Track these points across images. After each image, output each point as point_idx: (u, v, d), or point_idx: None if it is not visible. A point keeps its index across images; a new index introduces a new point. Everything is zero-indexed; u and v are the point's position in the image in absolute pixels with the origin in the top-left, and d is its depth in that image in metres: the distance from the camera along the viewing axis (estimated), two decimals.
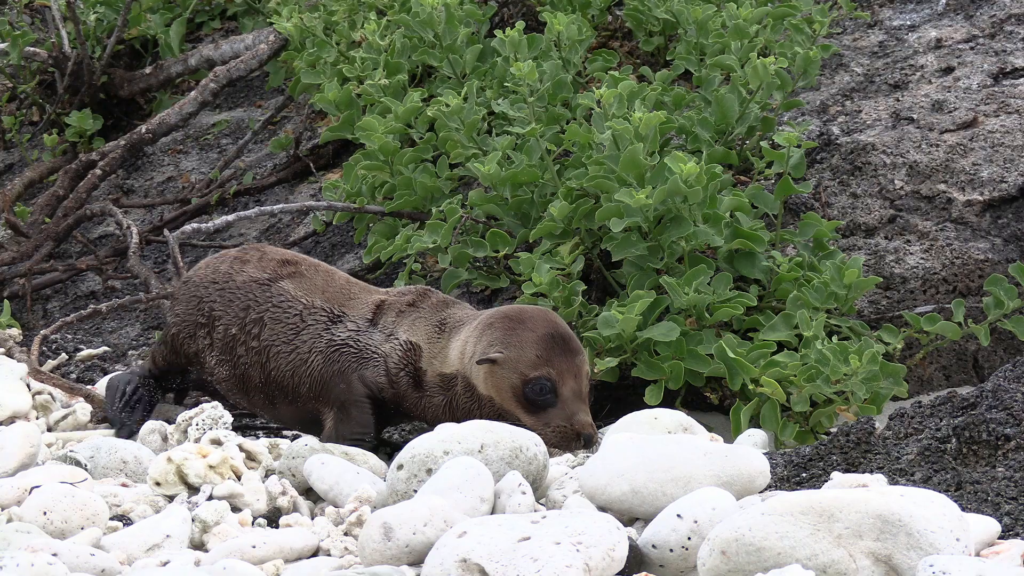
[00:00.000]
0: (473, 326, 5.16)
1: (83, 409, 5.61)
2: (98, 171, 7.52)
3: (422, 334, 5.24)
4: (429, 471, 4.27)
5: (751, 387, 5.27)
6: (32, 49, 8.37)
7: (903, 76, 6.49)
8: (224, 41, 8.35)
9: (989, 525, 3.82)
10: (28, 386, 5.61)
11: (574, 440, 4.96)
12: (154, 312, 7.07)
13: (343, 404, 5.23)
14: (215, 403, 5.12)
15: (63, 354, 6.60)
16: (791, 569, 3.39)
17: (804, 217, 5.81)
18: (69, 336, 6.93)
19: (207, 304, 5.50)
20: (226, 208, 7.57)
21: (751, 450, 4.25)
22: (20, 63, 8.36)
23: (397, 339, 5.24)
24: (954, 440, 4.31)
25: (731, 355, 5.28)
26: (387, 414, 5.31)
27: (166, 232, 6.65)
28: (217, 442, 4.69)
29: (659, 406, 5.09)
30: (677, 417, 4.84)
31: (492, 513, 4.12)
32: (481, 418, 4.91)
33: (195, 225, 6.57)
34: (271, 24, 7.81)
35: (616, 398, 5.77)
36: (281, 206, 6.67)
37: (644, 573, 3.72)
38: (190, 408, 5.11)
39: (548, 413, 4.98)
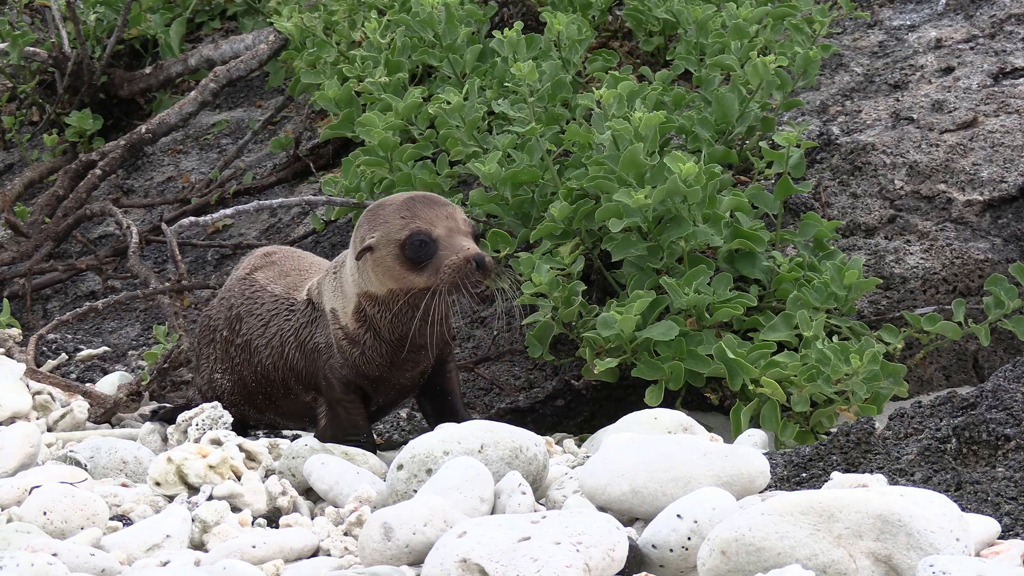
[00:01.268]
0: (349, 250, 5.03)
1: (81, 408, 5.60)
2: (98, 171, 7.52)
3: (328, 295, 5.11)
4: (429, 471, 4.27)
5: (751, 387, 5.27)
6: (32, 49, 8.37)
7: (903, 76, 6.49)
8: (224, 41, 8.35)
9: (989, 525, 3.82)
10: (28, 386, 5.61)
11: (468, 269, 4.80)
12: (153, 311, 7.07)
13: (330, 404, 5.14)
14: (215, 403, 5.12)
15: (63, 354, 6.60)
16: (791, 569, 3.39)
17: (804, 217, 5.81)
18: (69, 336, 6.93)
19: (211, 317, 5.46)
20: (226, 208, 7.57)
21: (751, 450, 4.25)
22: (20, 63, 8.36)
23: (324, 311, 5.11)
24: (954, 440, 4.31)
25: (731, 355, 5.28)
26: (373, 389, 5.14)
27: (164, 226, 6.63)
28: (217, 442, 4.69)
29: (659, 406, 5.10)
30: (677, 417, 4.84)
31: (492, 513, 4.12)
32: (400, 323, 4.85)
33: (193, 219, 6.55)
34: (271, 24, 7.82)
35: (616, 398, 5.77)
36: (280, 200, 6.67)
37: (644, 573, 3.72)
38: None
39: (434, 261, 4.83)
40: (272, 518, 4.44)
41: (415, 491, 4.23)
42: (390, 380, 5.11)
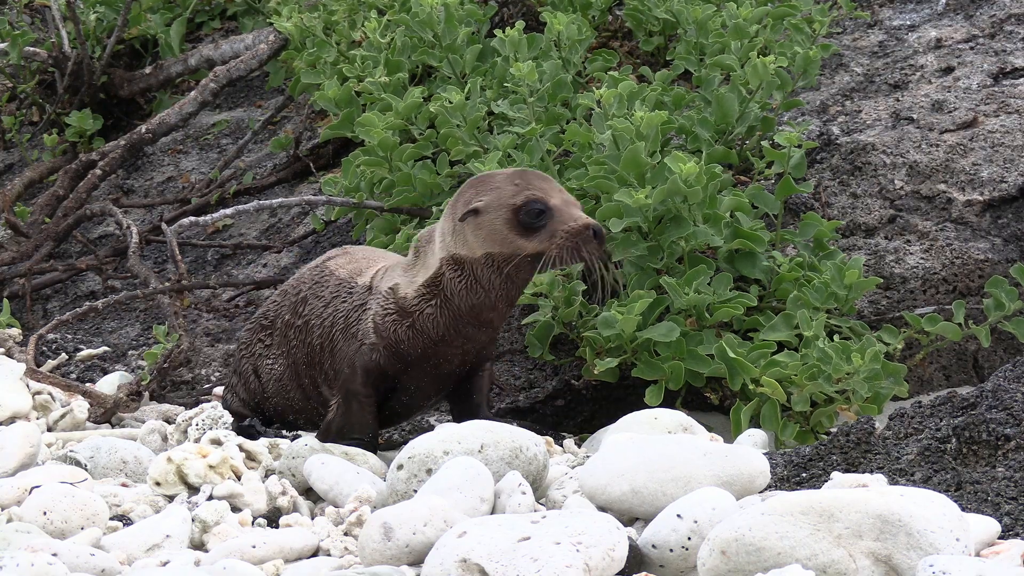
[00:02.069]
0: (443, 216, 5.04)
1: (81, 407, 5.60)
2: (98, 171, 7.52)
3: (398, 273, 5.11)
4: (429, 471, 4.27)
5: (751, 387, 5.27)
6: (32, 49, 8.37)
7: (903, 76, 6.49)
8: (224, 41, 8.35)
9: (989, 525, 3.82)
10: (28, 386, 5.61)
11: (586, 235, 4.82)
12: (153, 311, 7.07)
13: (345, 396, 5.09)
14: (215, 403, 5.11)
15: (63, 354, 6.60)
16: (791, 569, 3.39)
17: (804, 217, 5.81)
18: (69, 336, 6.93)
19: (271, 310, 5.46)
20: (226, 208, 7.57)
21: (751, 450, 4.25)
22: (20, 63, 8.36)
23: (380, 292, 5.10)
24: (954, 440, 4.31)
25: (731, 355, 5.28)
26: (403, 384, 5.10)
27: (164, 226, 6.63)
28: (217, 442, 4.69)
29: (659, 406, 5.10)
30: (677, 417, 4.84)
31: (492, 513, 4.12)
32: (482, 289, 4.86)
33: (193, 219, 6.55)
34: (271, 24, 7.82)
35: (616, 398, 5.77)
36: (280, 200, 6.67)
37: (644, 573, 3.72)
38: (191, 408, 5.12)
39: (549, 227, 4.84)
40: (272, 518, 4.44)
41: (415, 491, 4.23)
42: (427, 365, 5.07)
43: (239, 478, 4.54)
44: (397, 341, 5.04)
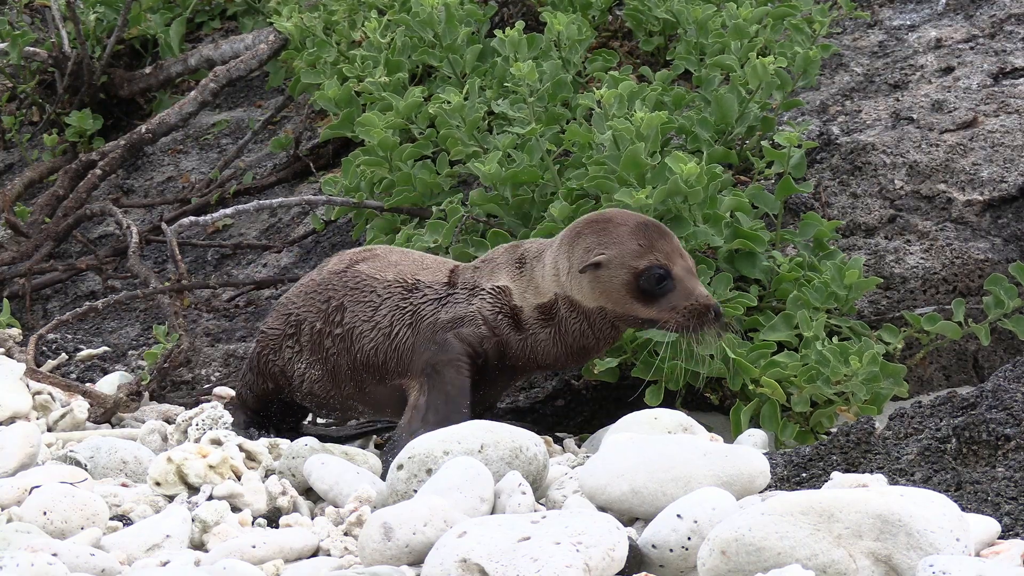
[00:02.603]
0: (557, 245, 4.99)
1: (80, 407, 5.60)
2: (98, 171, 7.52)
3: (504, 276, 5.08)
4: (429, 471, 4.27)
5: (751, 387, 5.27)
6: (32, 49, 8.37)
7: (903, 76, 6.49)
8: (224, 41, 8.35)
9: (989, 525, 3.82)
10: (28, 386, 5.61)
11: (706, 316, 4.82)
12: (153, 311, 7.07)
13: (435, 368, 5.01)
14: (215, 403, 5.11)
15: (63, 354, 6.60)
16: (791, 569, 3.39)
17: (804, 217, 5.81)
18: (69, 336, 6.93)
19: (294, 313, 5.37)
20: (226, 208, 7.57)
21: (751, 450, 4.25)
22: (20, 63, 8.36)
23: (483, 288, 5.06)
24: (954, 440, 4.31)
25: (731, 355, 5.28)
26: (487, 377, 5.08)
27: (164, 226, 6.63)
28: (217, 442, 4.69)
29: (659, 406, 5.10)
30: (677, 417, 4.84)
31: (492, 513, 4.12)
32: (593, 336, 4.85)
33: (193, 219, 6.54)
34: (271, 24, 7.82)
35: (616, 398, 5.77)
36: (280, 200, 6.66)
37: (644, 573, 3.72)
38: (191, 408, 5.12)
39: (668, 298, 4.84)
40: (272, 518, 4.44)
41: (415, 491, 4.23)
42: (516, 374, 5.11)
43: (239, 478, 4.54)
44: (507, 343, 5.04)
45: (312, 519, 4.41)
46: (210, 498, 4.42)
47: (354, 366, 5.21)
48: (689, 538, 3.75)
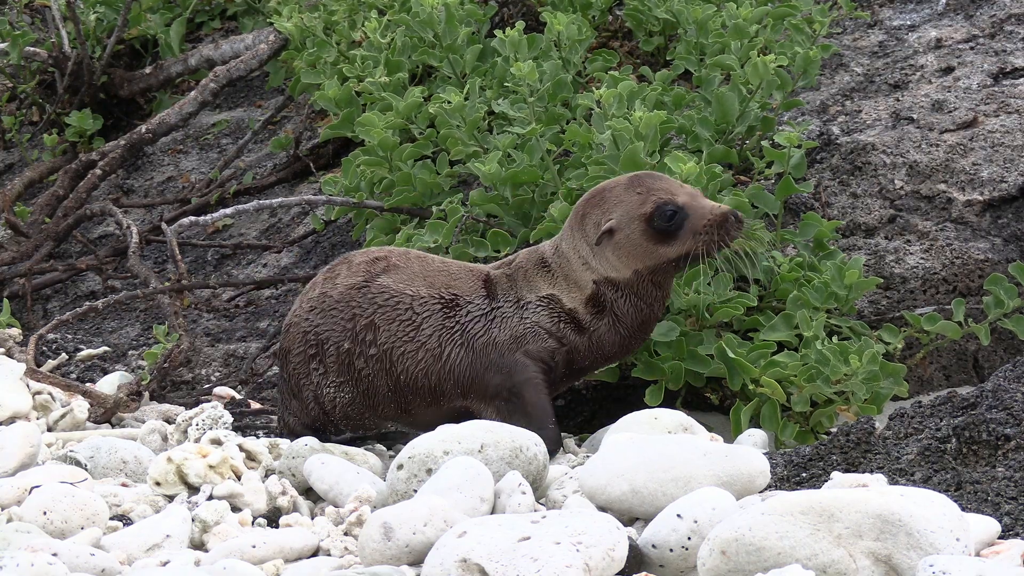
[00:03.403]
0: (569, 236, 4.98)
1: (81, 407, 5.60)
2: (98, 171, 7.52)
3: (544, 284, 5.03)
4: (429, 471, 4.27)
5: (751, 387, 5.27)
6: (32, 49, 8.37)
7: (903, 76, 6.49)
8: (224, 41, 8.35)
9: (989, 525, 3.82)
10: (28, 386, 5.61)
11: (727, 223, 4.80)
12: (153, 311, 7.07)
13: (511, 391, 4.94)
14: (215, 403, 5.10)
15: (63, 354, 6.60)
16: (791, 569, 3.39)
17: (804, 217, 5.81)
18: (69, 336, 6.93)
19: (312, 331, 5.14)
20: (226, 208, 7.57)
21: (751, 450, 4.25)
22: (20, 63, 8.36)
23: (529, 300, 5.02)
24: (954, 440, 4.31)
25: (731, 355, 5.29)
26: (557, 387, 5.06)
27: (164, 226, 6.63)
28: (217, 442, 4.69)
29: (659, 406, 5.10)
30: (677, 417, 4.84)
31: (492, 513, 4.12)
32: (646, 305, 4.86)
33: (193, 219, 6.54)
34: (271, 24, 7.82)
35: (616, 398, 5.77)
36: (280, 200, 6.66)
37: (644, 573, 3.72)
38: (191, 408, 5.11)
39: (686, 228, 4.84)
40: (272, 518, 4.44)
41: (415, 491, 4.23)
42: (580, 374, 5.10)
43: (239, 478, 4.54)
44: (575, 348, 5.02)
45: (312, 519, 4.41)
46: (210, 498, 4.42)
47: (396, 388, 5.06)
48: (689, 538, 3.75)
